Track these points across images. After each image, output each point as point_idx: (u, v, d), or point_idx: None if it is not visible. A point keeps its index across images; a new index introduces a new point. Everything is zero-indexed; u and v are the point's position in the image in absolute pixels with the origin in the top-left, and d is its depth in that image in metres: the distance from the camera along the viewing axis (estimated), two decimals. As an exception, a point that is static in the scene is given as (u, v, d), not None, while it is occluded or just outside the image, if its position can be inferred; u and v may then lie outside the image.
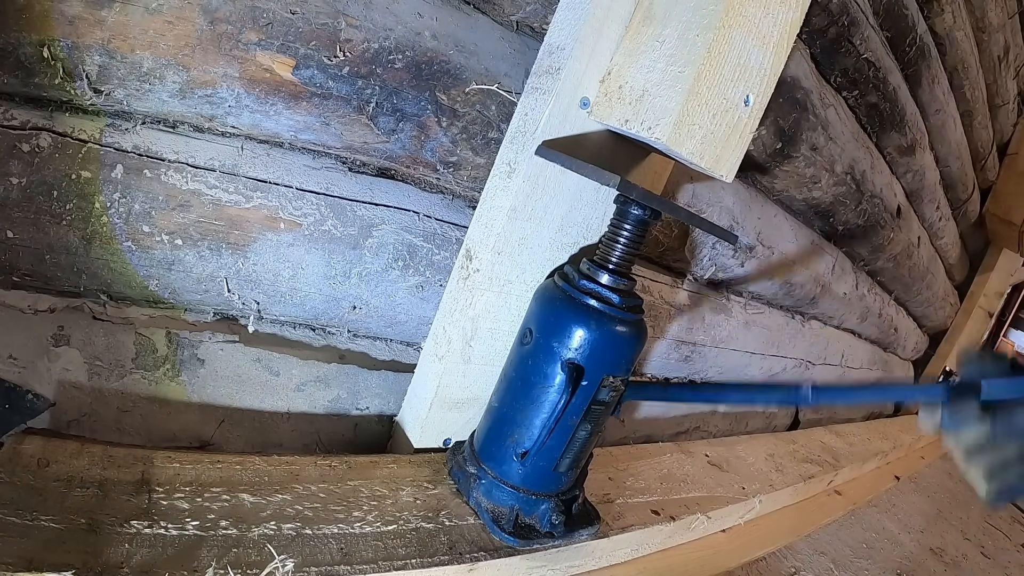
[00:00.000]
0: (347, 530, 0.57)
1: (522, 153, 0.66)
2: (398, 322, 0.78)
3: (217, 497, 0.55)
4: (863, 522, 1.48)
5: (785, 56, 0.66)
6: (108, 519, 0.48)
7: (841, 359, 1.98)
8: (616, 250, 0.64)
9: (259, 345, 0.71)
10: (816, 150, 1.20)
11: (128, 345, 0.63)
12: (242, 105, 0.61)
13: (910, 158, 1.67)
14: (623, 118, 0.63)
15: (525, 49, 0.78)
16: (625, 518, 0.81)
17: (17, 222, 0.54)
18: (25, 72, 0.52)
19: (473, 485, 0.68)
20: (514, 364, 0.67)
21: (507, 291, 0.72)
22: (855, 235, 1.60)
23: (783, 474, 1.28)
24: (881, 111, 1.42)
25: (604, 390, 0.64)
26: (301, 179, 0.66)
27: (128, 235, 0.58)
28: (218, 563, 0.47)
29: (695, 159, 0.62)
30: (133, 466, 0.55)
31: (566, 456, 0.66)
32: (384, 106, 0.68)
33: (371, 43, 0.65)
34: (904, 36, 1.38)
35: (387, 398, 0.82)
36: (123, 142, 0.57)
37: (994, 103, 2.26)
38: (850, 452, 1.70)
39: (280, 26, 0.59)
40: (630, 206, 0.63)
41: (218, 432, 0.70)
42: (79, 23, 0.52)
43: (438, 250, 0.77)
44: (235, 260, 0.64)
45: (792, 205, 1.35)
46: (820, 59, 1.17)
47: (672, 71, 0.60)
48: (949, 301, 2.85)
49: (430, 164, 0.74)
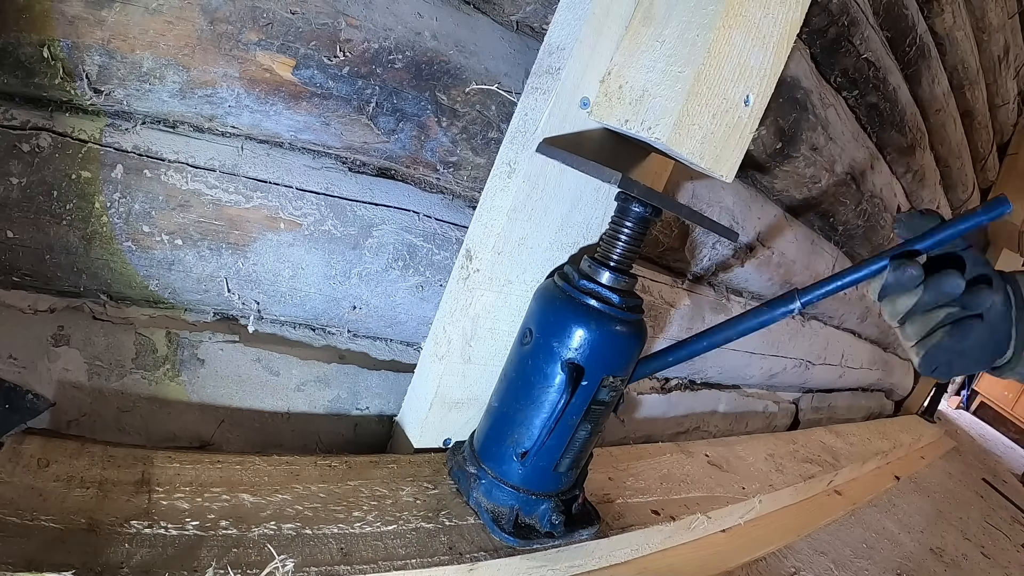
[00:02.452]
0: (347, 530, 0.57)
1: (522, 153, 0.66)
2: (398, 322, 0.78)
3: (217, 497, 0.55)
4: (863, 522, 1.48)
5: (785, 56, 0.66)
6: (108, 519, 0.48)
7: (841, 359, 1.98)
8: (617, 248, 0.64)
9: (259, 345, 0.71)
10: (816, 150, 1.20)
11: (128, 345, 0.63)
12: (242, 105, 0.61)
13: (910, 158, 1.67)
14: (623, 118, 0.63)
15: (525, 49, 0.78)
16: (625, 518, 0.81)
17: (17, 222, 0.54)
18: (25, 72, 0.52)
19: (473, 485, 0.68)
20: (514, 364, 0.67)
21: (507, 291, 0.72)
22: (855, 235, 1.60)
23: (783, 474, 1.28)
24: (881, 111, 1.42)
25: (604, 390, 0.64)
26: (301, 179, 0.66)
27: (128, 235, 0.58)
28: (218, 563, 0.47)
29: (695, 159, 0.62)
30: (133, 466, 0.55)
31: (566, 456, 0.66)
32: (384, 106, 0.68)
33: (371, 43, 0.65)
34: (904, 36, 1.38)
35: (387, 398, 0.82)
36: (123, 142, 0.57)
37: (994, 103, 2.26)
38: (850, 452, 1.70)
39: (280, 26, 0.59)
40: (631, 203, 0.63)
41: (218, 432, 0.70)
42: (79, 23, 0.52)
43: (438, 250, 0.77)
44: (235, 260, 0.64)
45: (792, 205, 1.35)
46: (820, 59, 1.18)
47: (672, 71, 0.60)
48: (949, 301, 2.84)
49: (430, 164, 0.74)
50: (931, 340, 0.53)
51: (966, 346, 0.52)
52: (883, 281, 0.55)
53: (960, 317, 0.52)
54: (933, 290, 0.52)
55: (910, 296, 0.54)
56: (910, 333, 0.55)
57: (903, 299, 0.54)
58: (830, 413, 2.19)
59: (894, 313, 0.55)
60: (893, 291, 0.54)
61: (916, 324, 0.54)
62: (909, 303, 0.54)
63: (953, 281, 0.52)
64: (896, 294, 0.54)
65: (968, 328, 0.52)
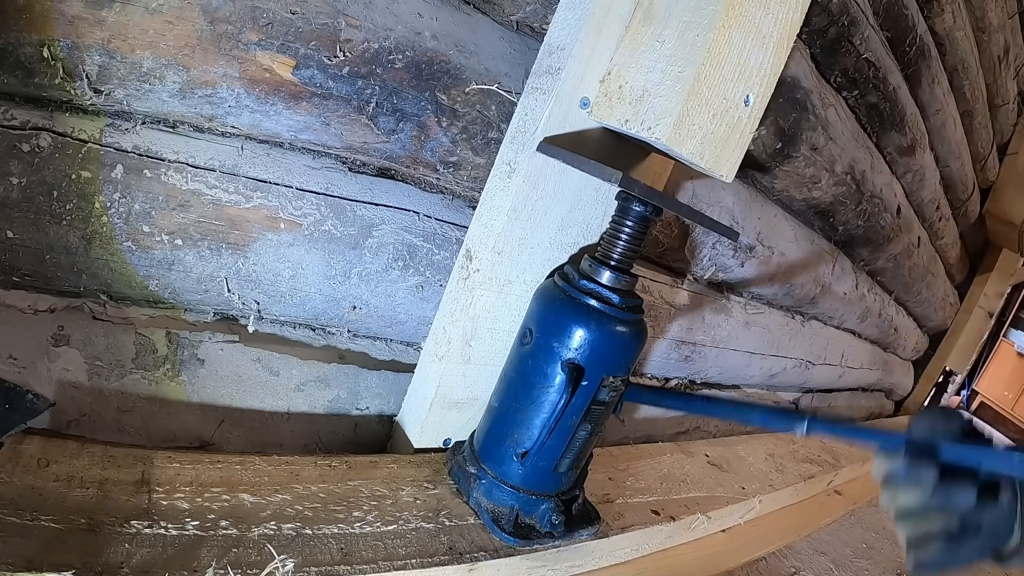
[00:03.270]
0: (347, 530, 0.57)
1: (522, 153, 0.66)
2: (398, 322, 0.78)
3: (217, 497, 0.55)
4: (863, 522, 1.48)
5: (785, 56, 0.66)
6: (108, 519, 0.48)
7: (841, 359, 1.98)
8: (617, 247, 0.64)
9: (259, 345, 0.71)
10: (816, 150, 1.20)
11: (128, 345, 0.63)
12: (242, 105, 0.61)
13: (910, 158, 1.67)
14: (623, 118, 0.63)
15: (525, 49, 0.78)
16: (625, 518, 0.81)
17: (17, 222, 0.54)
18: (25, 72, 0.52)
19: (473, 485, 0.68)
20: (514, 364, 0.67)
21: (507, 291, 0.72)
22: (855, 235, 1.60)
23: (783, 474, 1.28)
24: (881, 111, 1.42)
25: (604, 390, 0.64)
26: (301, 179, 0.66)
27: (128, 235, 0.58)
28: (218, 563, 0.47)
29: (695, 159, 0.62)
30: (133, 466, 0.55)
31: (566, 456, 0.66)
32: (384, 106, 0.68)
33: (371, 43, 0.65)
34: (904, 36, 1.38)
35: (387, 398, 0.82)
36: (123, 142, 0.57)
37: (994, 103, 2.25)
38: (850, 452, 1.70)
39: (280, 26, 0.59)
40: (632, 202, 0.63)
41: (218, 432, 0.70)
42: (79, 23, 0.52)
43: (438, 250, 0.77)
44: (235, 260, 0.64)
45: (792, 205, 1.35)
46: (820, 59, 1.17)
47: (672, 71, 0.59)
48: (949, 301, 2.85)
49: (430, 164, 0.74)
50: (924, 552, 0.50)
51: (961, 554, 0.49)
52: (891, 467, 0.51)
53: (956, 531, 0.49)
54: (942, 498, 0.48)
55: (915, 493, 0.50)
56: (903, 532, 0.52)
57: (907, 493, 0.50)
58: (830, 413, 2.19)
59: (893, 506, 0.52)
60: (899, 483, 0.51)
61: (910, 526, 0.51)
62: (911, 501, 0.50)
63: (966, 496, 0.48)
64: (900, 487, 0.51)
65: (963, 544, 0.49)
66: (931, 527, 0.50)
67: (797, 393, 1.97)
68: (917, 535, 0.50)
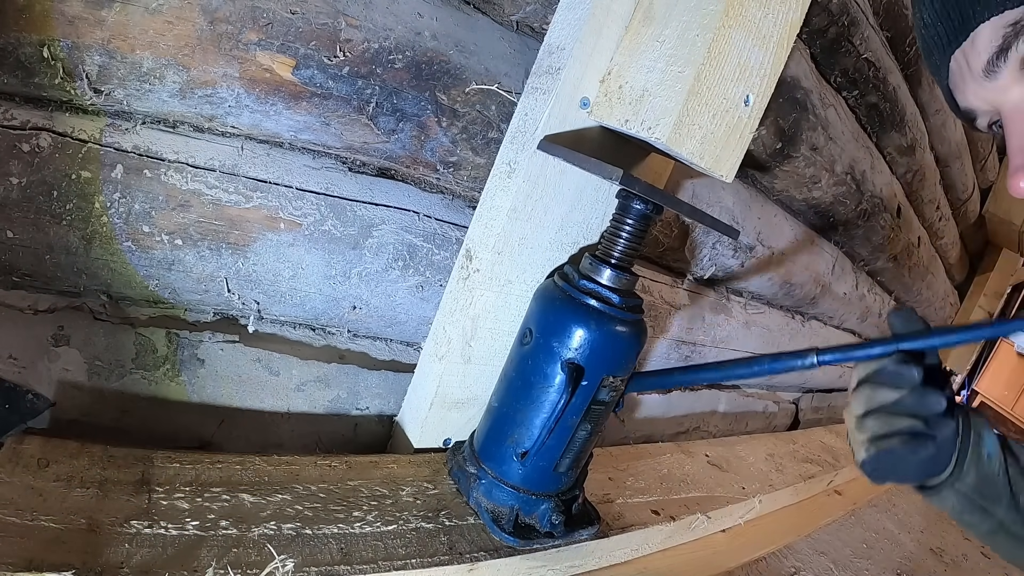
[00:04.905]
0: (347, 530, 0.57)
1: (522, 153, 0.66)
2: (398, 322, 0.78)
3: (217, 497, 0.55)
4: (863, 522, 1.48)
5: (785, 56, 0.66)
6: (108, 519, 0.48)
7: (841, 359, 1.97)
8: (618, 246, 0.64)
9: (259, 345, 0.71)
10: (816, 150, 1.20)
11: (128, 345, 0.63)
12: (242, 105, 0.61)
13: (910, 158, 1.67)
14: (623, 118, 0.63)
15: (525, 49, 0.78)
16: (625, 518, 0.81)
17: (17, 222, 0.54)
18: (25, 72, 0.52)
19: (473, 485, 0.68)
20: (514, 364, 0.67)
21: (507, 291, 0.72)
22: (855, 235, 1.60)
23: (783, 474, 1.28)
24: (881, 111, 1.42)
25: (604, 390, 0.64)
26: (301, 179, 0.66)
27: (128, 235, 0.58)
28: (218, 563, 0.47)
29: (695, 159, 0.62)
30: (133, 466, 0.55)
31: (566, 456, 0.66)
32: (384, 106, 0.68)
33: (371, 43, 0.65)
34: (904, 36, 1.38)
35: (387, 398, 0.82)
36: (123, 142, 0.57)
37: (994, 103, 2.25)
38: (850, 452, 1.70)
39: (280, 26, 0.59)
40: (632, 201, 0.63)
41: (218, 432, 0.70)
42: (79, 23, 0.52)
43: (438, 250, 0.77)
44: (235, 260, 0.64)
45: (792, 205, 1.35)
46: (820, 59, 1.18)
47: (672, 71, 0.59)
48: (949, 301, 2.85)
49: (430, 164, 0.74)
50: (885, 443, 0.52)
51: (912, 460, 0.52)
52: (877, 367, 0.54)
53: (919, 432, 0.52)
54: (918, 398, 0.52)
55: (893, 392, 0.53)
56: (869, 426, 0.54)
57: (885, 392, 0.54)
58: (830, 413, 2.19)
59: (870, 400, 0.55)
60: (884, 381, 0.54)
61: (879, 421, 0.53)
62: (889, 399, 0.53)
63: (938, 399, 0.52)
64: (884, 385, 0.54)
65: (922, 446, 0.51)
66: (897, 424, 0.53)
67: (797, 393, 1.97)
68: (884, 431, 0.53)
